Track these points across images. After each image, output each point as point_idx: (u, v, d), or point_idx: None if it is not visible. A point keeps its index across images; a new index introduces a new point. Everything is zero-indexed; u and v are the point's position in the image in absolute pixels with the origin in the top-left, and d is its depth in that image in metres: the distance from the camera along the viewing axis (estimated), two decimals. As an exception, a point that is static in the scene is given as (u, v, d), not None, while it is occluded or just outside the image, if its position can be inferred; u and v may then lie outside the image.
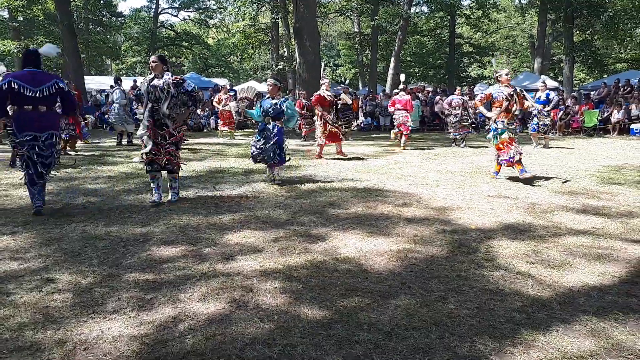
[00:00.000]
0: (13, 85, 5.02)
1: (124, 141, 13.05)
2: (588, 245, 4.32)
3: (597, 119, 17.27)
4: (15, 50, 26.50)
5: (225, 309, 3.05)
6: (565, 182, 7.09)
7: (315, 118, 10.49)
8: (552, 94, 12.66)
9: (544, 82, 12.68)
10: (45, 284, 3.42)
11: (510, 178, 7.45)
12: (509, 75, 7.43)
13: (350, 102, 13.32)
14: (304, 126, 14.14)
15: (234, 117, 15.46)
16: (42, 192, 5.39)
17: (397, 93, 12.55)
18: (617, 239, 4.53)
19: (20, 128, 5.16)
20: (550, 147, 12.44)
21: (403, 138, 12.18)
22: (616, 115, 16.88)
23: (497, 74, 7.58)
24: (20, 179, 5.55)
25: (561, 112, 17.88)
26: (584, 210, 5.61)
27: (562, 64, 28.05)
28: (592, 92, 21.24)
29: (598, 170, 8.49)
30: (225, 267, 3.76)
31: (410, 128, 12.38)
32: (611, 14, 24.64)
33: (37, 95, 5.11)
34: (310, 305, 3.09)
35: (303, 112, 13.81)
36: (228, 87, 18.53)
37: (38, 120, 5.20)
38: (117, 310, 3.03)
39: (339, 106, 10.60)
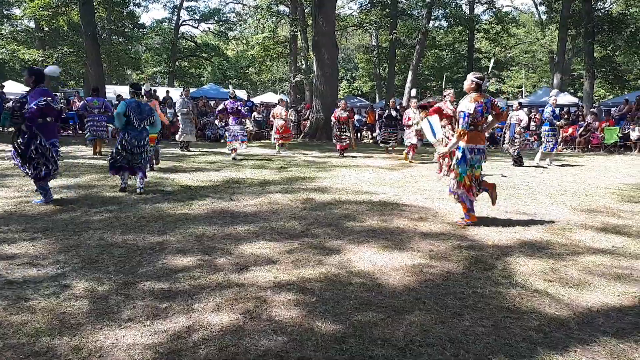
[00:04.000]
0: (49, 102, 6.02)
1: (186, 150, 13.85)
2: (608, 265, 4.24)
3: (617, 135, 17.02)
4: (40, 59, 27.11)
5: (239, 320, 3.05)
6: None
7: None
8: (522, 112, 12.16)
9: (554, 98, 12.40)
10: (62, 291, 3.46)
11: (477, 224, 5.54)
12: (474, 84, 5.35)
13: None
14: (338, 140, 13.59)
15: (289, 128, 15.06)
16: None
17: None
18: (638, 258, 4.44)
19: (48, 136, 6.11)
20: (521, 165, 11.64)
21: (410, 152, 12.21)
22: (636, 133, 16.58)
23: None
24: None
25: (581, 128, 17.68)
26: (604, 229, 5.51)
27: (582, 80, 27.77)
28: (612, 109, 20.95)
29: (618, 188, 8.35)
30: (239, 278, 3.77)
31: (413, 143, 12.21)
32: (633, 30, 24.37)
33: (57, 109, 6.25)
34: (324, 319, 3.08)
35: (333, 123, 13.64)
36: (285, 100, 18.42)
37: (55, 130, 6.38)
38: (132, 318, 3.05)
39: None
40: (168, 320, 3.03)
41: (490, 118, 5.68)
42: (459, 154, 5.47)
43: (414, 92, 13.21)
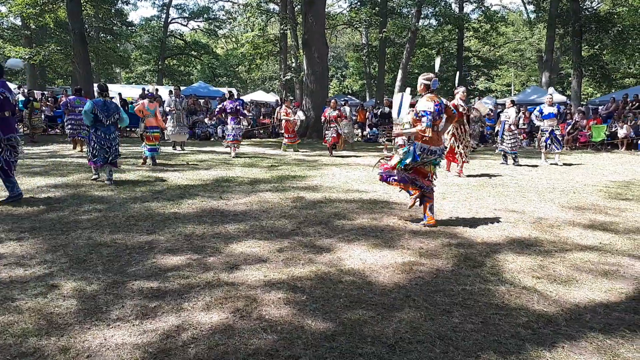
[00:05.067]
0: (7, 95, 6.14)
1: (178, 148, 13.93)
2: (595, 261, 4.28)
3: (605, 133, 17.21)
4: (26, 57, 26.80)
5: (229, 318, 3.04)
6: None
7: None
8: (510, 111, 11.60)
9: (550, 95, 12.39)
10: (50, 291, 3.43)
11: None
12: (423, 86, 5.49)
13: (486, 112, 12.51)
14: (327, 138, 13.26)
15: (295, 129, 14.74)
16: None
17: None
18: (625, 255, 4.49)
19: (8, 130, 6.15)
20: (520, 165, 11.41)
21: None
22: (623, 131, 16.76)
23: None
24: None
25: (569, 126, 17.84)
26: (591, 226, 5.57)
27: (570, 78, 28.04)
28: (600, 107, 21.17)
29: (606, 186, 8.44)
30: (229, 277, 3.76)
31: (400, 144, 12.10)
32: (620, 29, 24.66)
33: (14, 103, 6.30)
34: (314, 317, 3.08)
35: (323, 121, 13.44)
36: (292, 99, 18.20)
37: (13, 124, 6.38)
38: (120, 318, 3.03)
39: (470, 117, 9.98)
40: (157, 319, 3.02)
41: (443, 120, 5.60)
42: (411, 149, 5.32)
43: (407, 91, 13.11)
